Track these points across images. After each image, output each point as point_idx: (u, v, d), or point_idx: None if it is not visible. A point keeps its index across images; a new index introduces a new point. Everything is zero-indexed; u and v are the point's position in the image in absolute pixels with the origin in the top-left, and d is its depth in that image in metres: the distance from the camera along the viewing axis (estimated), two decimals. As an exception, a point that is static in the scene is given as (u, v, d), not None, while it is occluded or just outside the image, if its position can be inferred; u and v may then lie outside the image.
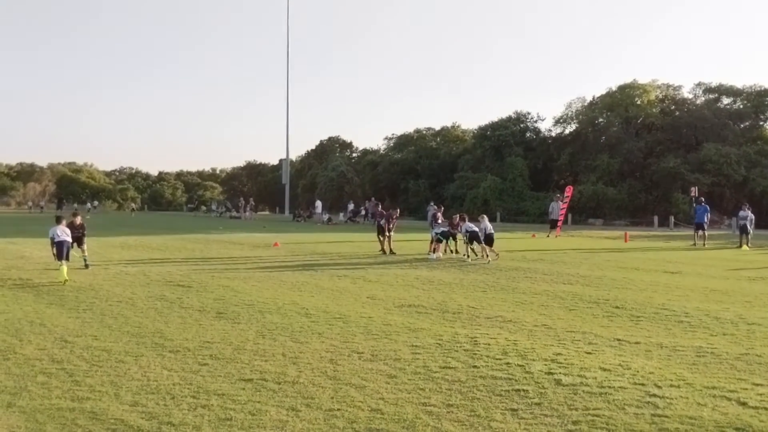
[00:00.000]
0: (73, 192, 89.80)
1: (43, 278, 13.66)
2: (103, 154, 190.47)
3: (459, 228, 19.57)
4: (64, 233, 14.02)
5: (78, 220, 15.77)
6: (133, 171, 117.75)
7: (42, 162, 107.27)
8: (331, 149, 78.45)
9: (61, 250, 13.70)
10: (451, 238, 20.15)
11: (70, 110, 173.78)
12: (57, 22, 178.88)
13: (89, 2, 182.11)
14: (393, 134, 75.03)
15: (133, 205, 79.41)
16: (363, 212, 48.81)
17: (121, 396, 5.70)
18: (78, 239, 15.25)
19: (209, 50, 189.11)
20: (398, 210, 22.55)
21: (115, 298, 11.12)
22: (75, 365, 6.73)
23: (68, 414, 5.24)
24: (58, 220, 14.45)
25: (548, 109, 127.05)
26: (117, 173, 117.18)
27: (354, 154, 79.84)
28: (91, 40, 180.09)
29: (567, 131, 57.27)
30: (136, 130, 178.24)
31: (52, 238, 13.94)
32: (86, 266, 15.24)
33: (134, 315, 9.61)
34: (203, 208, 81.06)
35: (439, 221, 20.90)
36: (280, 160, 73.76)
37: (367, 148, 78.31)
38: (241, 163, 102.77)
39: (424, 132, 71.95)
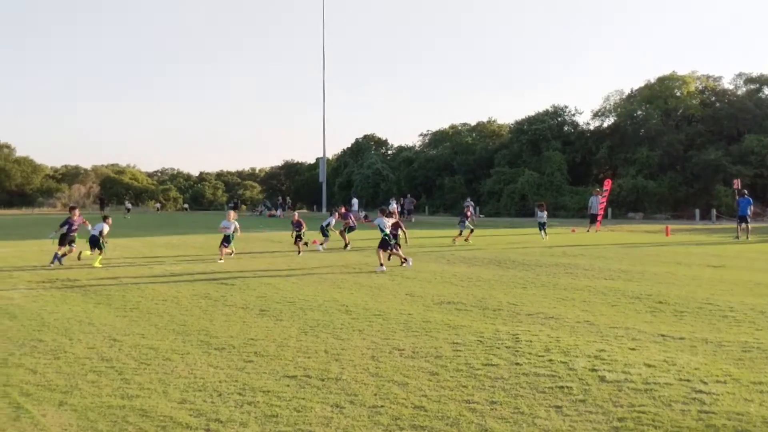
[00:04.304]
0: (116, 193, 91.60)
1: (90, 278, 13.99)
2: (145, 155, 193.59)
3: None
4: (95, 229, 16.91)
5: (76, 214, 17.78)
6: (175, 171, 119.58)
7: (86, 164, 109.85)
8: (366, 147, 78.56)
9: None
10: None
11: (113, 113, 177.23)
12: (98, 26, 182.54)
13: (129, 5, 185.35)
14: (428, 130, 75.04)
15: (157, 204, 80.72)
16: (399, 209, 48.78)
17: (169, 393, 5.83)
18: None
19: (247, 52, 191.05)
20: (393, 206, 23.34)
21: (161, 297, 11.36)
22: (124, 363, 6.90)
23: (119, 412, 5.37)
24: (105, 219, 17.46)
25: (586, 103, 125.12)
26: (159, 174, 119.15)
27: (389, 152, 79.85)
28: (133, 44, 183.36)
29: (605, 124, 56.47)
30: (176, 131, 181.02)
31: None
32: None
33: (179, 313, 9.81)
34: (243, 207, 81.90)
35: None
36: (317, 159, 74.20)
37: (402, 145, 78.37)
38: (279, 163, 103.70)
39: (460, 127, 71.67)
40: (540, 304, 10.38)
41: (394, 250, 16.01)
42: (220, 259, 17.39)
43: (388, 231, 15.88)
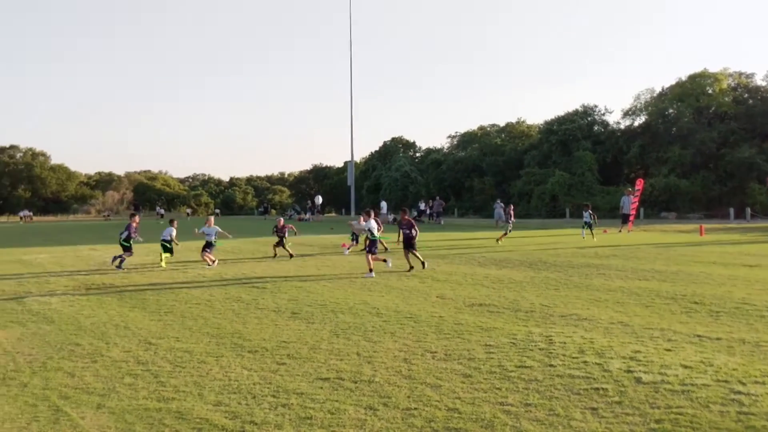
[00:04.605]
0: (149, 199, 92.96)
1: (125, 282, 14.21)
2: (177, 161, 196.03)
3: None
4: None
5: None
6: (206, 177, 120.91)
7: (119, 171, 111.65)
8: (394, 150, 78.66)
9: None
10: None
11: (145, 121, 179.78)
12: (131, 37, 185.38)
13: (160, 14, 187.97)
14: (456, 132, 74.89)
15: (188, 210, 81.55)
16: (428, 211, 48.69)
17: (204, 396, 5.89)
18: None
19: (275, 59, 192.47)
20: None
21: (194, 300, 11.50)
22: (159, 366, 6.99)
23: (155, 414, 5.44)
24: (171, 222, 19.09)
25: (616, 102, 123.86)
26: (190, 180, 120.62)
27: (417, 154, 79.85)
28: (163, 53, 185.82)
29: (636, 123, 55.84)
30: (207, 137, 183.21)
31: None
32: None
33: (213, 316, 9.91)
34: (273, 211, 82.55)
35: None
36: (345, 163, 74.50)
37: (431, 147, 78.25)
38: (308, 167, 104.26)
39: (488, 128, 71.43)
40: (573, 306, 10.28)
41: (413, 251, 15.81)
42: (209, 264, 17.31)
43: (377, 235, 15.66)
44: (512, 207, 27.84)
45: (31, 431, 5.10)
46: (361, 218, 22.33)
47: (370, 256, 15.11)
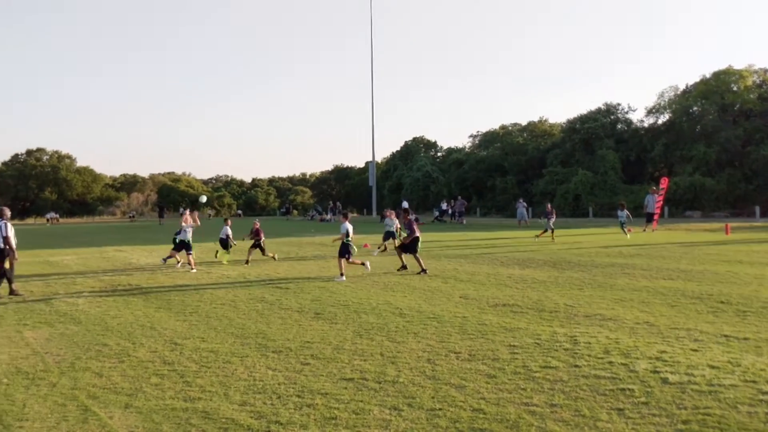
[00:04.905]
0: (173, 200, 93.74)
1: (151, 283, 14.36)
2: (200, 162, 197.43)
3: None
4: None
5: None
6: (228, 178, 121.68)
7: (144, 173, 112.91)
8: (415, 150, 78.53)
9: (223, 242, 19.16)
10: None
11: (169, 123, 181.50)
12: (151, 38, 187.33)
13: (180, 18, 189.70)
14: (478, 131, 74.66)
15: (210, 211, 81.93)
16: (450, 212, 48.56)
17: (230, 396, 5.94)
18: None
19: (296, 59, 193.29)
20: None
21: (219, 301, 11.59)
22: (185, 366, 7.06)
23: (182, 414, 5.49)
24: (226, 221, 19.84)
25: (639, 100, 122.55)
26: (213, 181, 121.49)
27: (439, 154, 79.67)
28: (184, 55, 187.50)
29: (660, 121, 55.22)
30: (230, 139, 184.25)
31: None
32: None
33: (237, 317, 9.99)
34: (295, 212, 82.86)
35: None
36: (367, 163, 74.52)
37: (452, 146, 78.05)
38: (329, 167, 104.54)
39: (510, 128, 71.09)
40: (597, 306, 10.21)
41: (414, 255, 15.57)
42: (192, 269, 16.78)
43: (351, 237, 15.05)
44: (550, 206, 28.23)
45: (60, 430, 5.17)
46: (388, 213, 22.22)
47: (342, 260, 14.69)
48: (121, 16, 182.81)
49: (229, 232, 19.27)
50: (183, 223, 17.79)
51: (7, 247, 12.43)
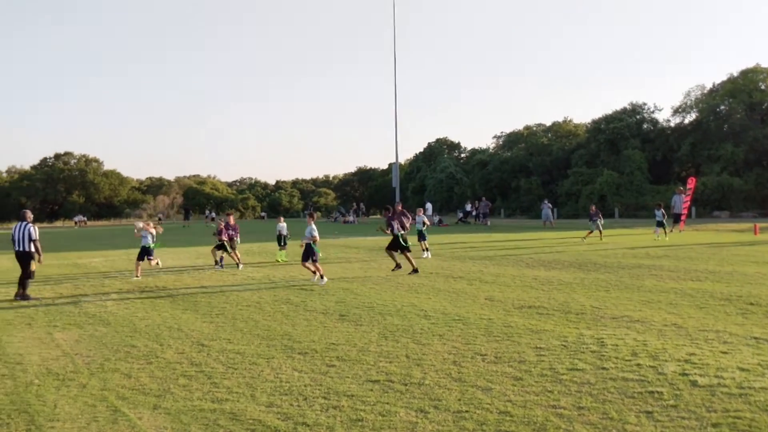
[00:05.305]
0: (198, 203, 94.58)
1: (177, 285, 14.51)
2: (225, 165, 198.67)
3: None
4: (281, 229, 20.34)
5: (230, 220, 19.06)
6: (252, 181, 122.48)
7: (169, 176, 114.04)
8: (439, 151, 78.32)
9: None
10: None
11: (194, 127, 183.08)
12: (180, 49, 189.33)
13: (205, 21, 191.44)
14: (502, 132, 74.23)
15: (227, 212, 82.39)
16: (474, 213, 48.40)
17: (257, 397, 5.97)
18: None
19: (318, 61, 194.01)
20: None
21: (244, 302, 11.67)
22: (212, 368, 7.11)
23: (210, 415, 5.54)
24: (280, 219, 21.38)
25: (665, 99, 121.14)
26: (238, 183, 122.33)
27: (462, 155, 79.40)
28: (210, 59, 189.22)
29: (687, 121, 54.51)
30: (254, 142, 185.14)
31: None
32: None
33: (263, 318, 10.05)
34: (318, 213, 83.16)
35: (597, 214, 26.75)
36: (390, 164, 74.56)
37: (476, 147, 77.70)
38: (353, 169, 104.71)
39: (535, 128, 70.66)
40: (624, 307, 10.11)
41: (394, 253, 15.63)
42: (136, 276, 15.97)
43: (316, 241, 14.36)
44: (594, 207, 28.32)
45: (90, 431, 5.24)
46: (420, 211, 21.83)
47: (308, 263, 14.21)
48: (149, 18, 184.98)
49: (285, 230, 20.30)
50: (144, 230, 16.61)
51: (33, 250, 12.73)
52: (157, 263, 16.77)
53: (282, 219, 20.77)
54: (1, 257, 20.01)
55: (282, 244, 20.22)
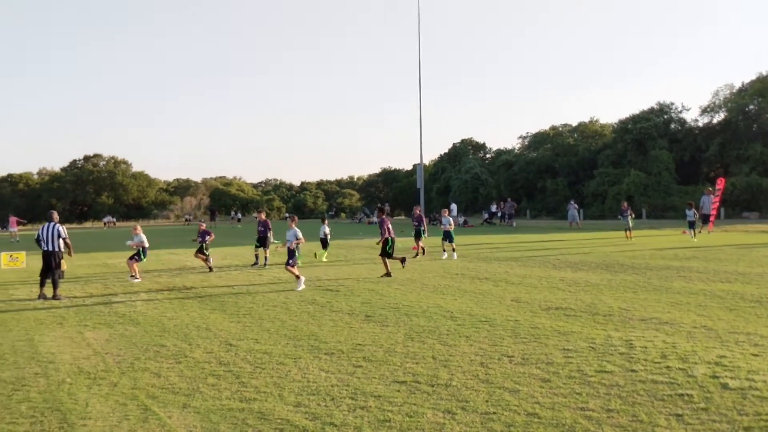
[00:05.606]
0: (225, 204, 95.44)
1: (205, 285, 14.64)
2: (251, 166, 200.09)
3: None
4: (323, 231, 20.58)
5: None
6: (278, 182, 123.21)
7: (196, 177, 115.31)
8: (464, 152, 78.14)
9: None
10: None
11: (221, 128, 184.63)
12: (206, 53, 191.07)
13: (233, 28, 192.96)
14: (527, 133, 73.88)
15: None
16: (499, 214, 48.21)
17: (284, 397, 6.01)
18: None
19: (345, 61, 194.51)
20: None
21: (271, 303, 11.76)
22: (240, 367, 7.17)
23: (238, 414, 5.58)
24: (323, 220, 21.27)
25: (693, 99, 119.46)
26: (263, 184, 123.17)
27: (487, 156, 79.14)
28: (234, 61, 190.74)
29: (715, 120, 53.78)
30: (279, 143, 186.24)
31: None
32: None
33: (289, 319, 10.11)
34: (342, 214, 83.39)
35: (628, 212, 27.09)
36: (414, 165, 74.52)
37: (501, 148, 77.40)
38: (377, 170, 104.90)
39: (561, 129, 70.18)
40: (653, 309, 10.00)
41: (389, 257, 15.50)
42: (136, 278, 16.05)
43: (298, 243, 14.30)
44: (626, 204, 28.73)
45: (122, 429, 5.31)
46: (445, 212, 21.90)
47: (288, 267, 14.07)
48: (174, 21, 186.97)
49: (328, 231, 20.74)
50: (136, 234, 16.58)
51: (60, 249, 13.04)
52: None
53: (326, 221, 21.26)
54: (32, 258, 20.34)
55: (326, 245, 20.82)
